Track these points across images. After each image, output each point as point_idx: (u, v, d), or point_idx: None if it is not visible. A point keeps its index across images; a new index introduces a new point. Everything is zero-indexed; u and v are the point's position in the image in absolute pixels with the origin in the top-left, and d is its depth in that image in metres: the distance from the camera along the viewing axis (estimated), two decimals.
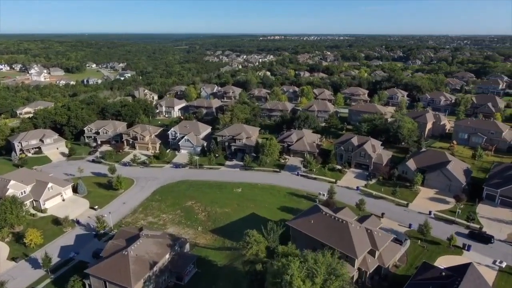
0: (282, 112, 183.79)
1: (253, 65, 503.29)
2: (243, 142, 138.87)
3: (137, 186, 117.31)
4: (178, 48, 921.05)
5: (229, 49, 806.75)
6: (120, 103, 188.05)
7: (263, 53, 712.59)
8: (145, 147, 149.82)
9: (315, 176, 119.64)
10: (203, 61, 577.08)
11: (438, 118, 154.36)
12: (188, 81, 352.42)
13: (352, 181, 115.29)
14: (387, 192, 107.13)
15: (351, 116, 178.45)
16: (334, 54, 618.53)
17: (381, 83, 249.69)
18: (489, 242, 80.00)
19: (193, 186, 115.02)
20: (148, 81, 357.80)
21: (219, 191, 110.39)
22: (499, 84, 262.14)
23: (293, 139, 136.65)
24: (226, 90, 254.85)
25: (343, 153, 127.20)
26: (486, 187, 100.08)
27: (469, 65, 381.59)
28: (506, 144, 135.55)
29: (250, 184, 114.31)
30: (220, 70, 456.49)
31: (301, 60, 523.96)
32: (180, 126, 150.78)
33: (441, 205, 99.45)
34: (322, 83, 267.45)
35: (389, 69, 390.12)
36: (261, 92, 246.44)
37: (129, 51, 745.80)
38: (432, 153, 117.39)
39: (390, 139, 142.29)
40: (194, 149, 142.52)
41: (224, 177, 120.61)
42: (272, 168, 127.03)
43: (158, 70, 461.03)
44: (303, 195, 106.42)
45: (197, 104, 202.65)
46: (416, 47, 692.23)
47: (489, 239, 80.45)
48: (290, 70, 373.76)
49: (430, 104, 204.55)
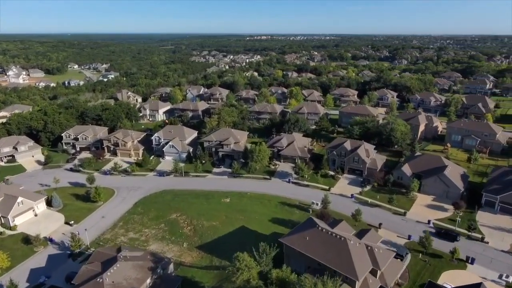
0: (271, 114, 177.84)
1: (240, 66, 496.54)
2: (231, 147, 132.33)
3: (117, 197, 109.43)
4: (164, 48, 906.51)
5: (216, 49, 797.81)
6: (101, 106, 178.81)
7: (250, 53, 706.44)
8: (127, 154, 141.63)
9: (307, 183, 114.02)
10: (189, 61, 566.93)
11: (431, 120, 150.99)
12: (173, 82, 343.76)
13: (346, 188, 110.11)
14: (383, 199, 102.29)
15: (341, 118, 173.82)
16: (321, 54, 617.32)
17: (370, 84, 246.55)
18: (455, 240, 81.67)
19: (178, 196, 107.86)
20: (132, 83, 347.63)
21: (206, 201, 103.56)
22: (486, 84, 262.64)
23: (283, 143, 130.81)
24: (213, 91, 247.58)
25: (336, 158, 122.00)
26: (485, 193, 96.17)
27: (455, 65, 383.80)
28: (500, 147, 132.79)
29: (239, 193, 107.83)
30: (207, 70, 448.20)
31: (289, 60, 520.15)
32: (165, 131, 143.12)
33: (440, 212, 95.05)
34: (310, 84, 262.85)
35: (376, 69, 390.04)
36: (249, 93, 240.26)
37: (113, 51, 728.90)
38: (428, 157, 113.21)
39: (382, 142, 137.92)
40: (180, 156, 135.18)
41: (211, 186, 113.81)
42: (262, 175, 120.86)
43: (143, 71, 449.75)
44: (295, 204, 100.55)
45: (183, 107, 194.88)
46: (401, 46, 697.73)
47: (455, 237, 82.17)
48: (277, 70, 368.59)
49: (420, 105, 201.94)
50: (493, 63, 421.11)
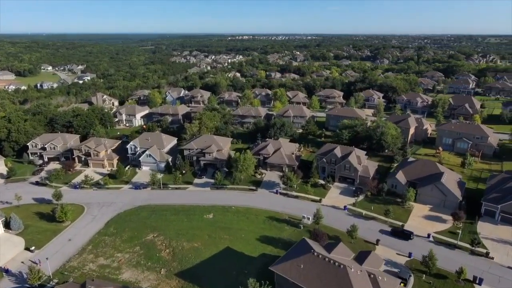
0: (255, 118, 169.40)
1: (222, 66, 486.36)
2: (214, 155, 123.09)
3: (87, 215, 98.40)
4: (144, 48, 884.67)
5: (197, 49, 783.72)
6: (72, 112, 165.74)
7: (232, 53, 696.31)
8: (100, 164, 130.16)
9: (296, 193, 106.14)
10: (169, 62, 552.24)
11: (420, 123, 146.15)
12: (153, 83, 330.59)
13: (338, 199, 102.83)
14: (377, 210, 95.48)
15: (329, 121, 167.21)
16: (303, 54, 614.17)
17: (355, 84, 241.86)
18: (409, 238, 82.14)
19: (155, 212, 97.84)
20: (109, 85, 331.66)
21: (187, 218, 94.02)
22: (469, 83, 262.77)
23: (269, 150, 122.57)
24: (194, 94, 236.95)
25: (326, 166, 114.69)
26: (484, 202, 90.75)
27: (437, 64, 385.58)
28: (491, 149, 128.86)
29: (223, 207, 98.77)
30: (188, 71, 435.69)
31: (271, 60, 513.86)
32: (141, 139, 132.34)
33: (438, 224, 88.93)
34: (295, 85, 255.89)
35: (359, 68, 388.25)
36: (232, 95, 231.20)
37: (90, 52, 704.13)
38: (422, 163, 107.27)
39: (373, 146, 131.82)
40: (158, 166, 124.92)
41: (193, 199, 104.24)
42: (247, 185, 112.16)
43: (121, 72, 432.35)
44: (284, 219, 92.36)
45: (162, 111, 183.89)
46: (382, 46, 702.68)
47: (409, 235, 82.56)
48: (260, 71, 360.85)
49: (407, 106, 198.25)
50: (472, 62, 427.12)
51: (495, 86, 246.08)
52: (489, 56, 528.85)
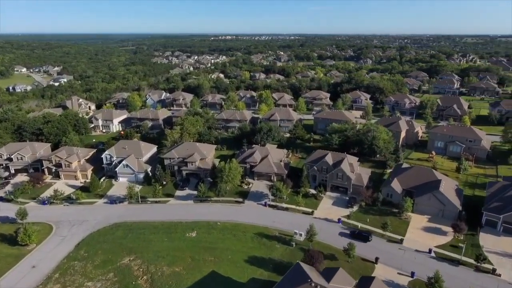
0: (240, 122, 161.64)
1: (205, 67, 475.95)
2: (197, 165, 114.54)
3: (55, 237, 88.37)
4: (124, 49, 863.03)
5: (179, 49, 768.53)
6: (43, 118, 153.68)
7: (215, 53, 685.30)
8: (72, 176, 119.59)
9: (286, 205, 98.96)
10: (150, 63, 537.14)
11: (411, 125, 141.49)
12: (133, 85, 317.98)
13: (331, 210, 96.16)
14: (373, 222, 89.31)
15: (317, 124, 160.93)
16: (287, 54, 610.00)
17: (342, 85, 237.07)
18: (367, 240, 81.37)
19: (132, 231, 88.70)
20: (87, 87, 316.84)
21: (167, 237, 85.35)
22: (454, 83, 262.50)
23: (256, 158, 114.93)
24: (175, 96, 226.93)
25: (317, 174, 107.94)
26: (486, 212, 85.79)
27: (420, 64, 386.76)
28: (484, 153, 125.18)
29: (207, 223, 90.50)
30: (170, 72, 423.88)
31: (255, 61, 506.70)
32: (117, 148, 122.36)
33: (439, 237, 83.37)
34: (280, 86, 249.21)
35: (343, 68, 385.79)
36: (215, 98, 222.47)
37: (68, 53, 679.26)
38: (418, 170, 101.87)
39: (364, 151, 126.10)
40: (136, 177, 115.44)
41: (174, 215, 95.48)
42: (233, 197, 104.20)
43: (100, 73, 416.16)
44: (275, 235, 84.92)
45: (141, 115, 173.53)
46: (365, 46, 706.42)
47: (367, 237, 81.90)
48: (244, 72, 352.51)
49: (395, 107, 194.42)
50: (453, 62, 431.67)
51: (480, 86, 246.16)
52: (468, 56, 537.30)
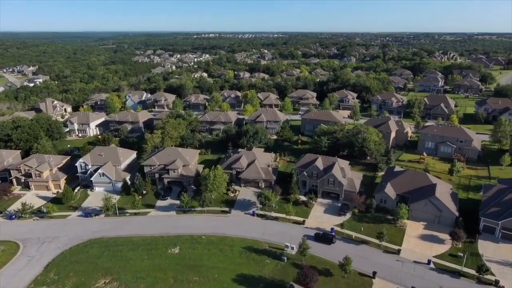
0: (225, 124, 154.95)
1: (188, 65, 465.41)
2: (179, 172, 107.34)
3: (22, 257, 79.80)
4: (104, 47, 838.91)
5: (161, 48, 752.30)
6: (12, 123, 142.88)
7: (198, 52, 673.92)
8: (44, 187, 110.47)
9: (276, 214, 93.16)
10: (131, 61, 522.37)
11: (401, 126, 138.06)
12: (113, 85, 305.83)
13: (323, 219, 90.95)
14: (368, 231, 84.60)
15: (304, 125, 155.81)
16: (271, 52, 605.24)
17: (328, 84, 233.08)
18: (331, 242, 79.92)
19: (109, 248, 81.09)
20: (64, 88, 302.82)
21: (148, 254, 78.20)
22: (439, 81, 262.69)
23: (242, 164, 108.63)
24: (157, 97, 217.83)
25: (307, 180, 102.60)
26: (483, 218, 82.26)
27: (404, 62, 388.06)
28: (475, 153, 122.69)
29: (191, 237, 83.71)
30: (152, 71, 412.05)
31: (239, 59, 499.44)
32: (93, 155, 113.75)
33: (437, 246, 79.31)
34: (265, 86, 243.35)
35: (328, 66, 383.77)
36: (199, 98, 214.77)
37: (44, 52, 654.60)
38: (412, 174, 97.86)
39: (354, 154, 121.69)
40: (113, 186, 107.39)
41: (155, 228, 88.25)
42: (219, 206, 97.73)
43: (78, 73, 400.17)
44: (264, 249, 78.96)
45: (120, 118, 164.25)
46: (348, 44, 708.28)
47: (331, 239, 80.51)
48: (228, 71, 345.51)
49: (382, 107, 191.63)
50: (435, 59, 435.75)
51: (464, 83, 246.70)
52: (449, 53, 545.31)
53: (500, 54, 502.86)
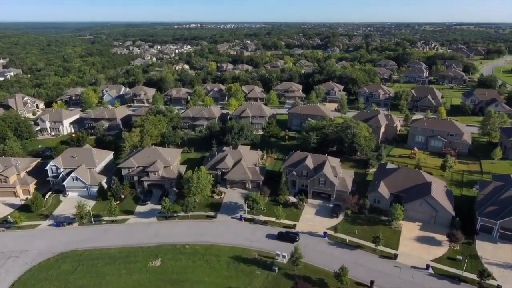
0: (208, 120, 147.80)
1: (169, 57, 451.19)
2: (160, 174, 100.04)
3: None
4: (81, 38, 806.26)
5: (141, 39, 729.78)
6: None
7: (179, 42, 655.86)
8: (11, 193, 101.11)
9: (265, 218, 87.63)
10: (109, 53, 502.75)
11: (391, 119, 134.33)
12: (90, 79, 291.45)
13: (314, 221, 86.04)
14: (362, 234, 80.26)
15: (291, 120, 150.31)
16: (255, 43, 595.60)
17: (314, 76, 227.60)
18: (295, 240, 77.52)
19: (83, 262, 73.73)
20: (37, 82, 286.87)
21: (126, 268, 71.32)
22: (423, 72, 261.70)
23: (228, 164, 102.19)
24: (136, 91, 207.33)
25: (296, 179, 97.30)
26: (481, 217, 79.06)
27: (388, 52, 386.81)
28: (466, 147, 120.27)
29: (173, 247, 77.22)
30: (131, 64, 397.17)
31: (222, 50, 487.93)
32: (65, 157, 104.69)
33: (434, 249, 75.65)
34: (249, 78, 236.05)
35: (312, 57, 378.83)
36: (180, 92, 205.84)
37: (16, 43, 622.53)
38: (405, 172, 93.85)
39: (344, 150, 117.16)
40: (89, 190, 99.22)
41: (134, 237, 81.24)
42: (203, 210, 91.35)
43: (53, 66, 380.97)
44: (254, 258, 73.38)
45: (96, 115, 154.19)
46: (331, 34, 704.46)
47: (294, 238, 78.47)
48: (211, 62, 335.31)
49: (369, 99, 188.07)
50: (417, 49, 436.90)
51: (448, 74, 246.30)
52: (431, 43, 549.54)
53: (479, 44, 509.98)
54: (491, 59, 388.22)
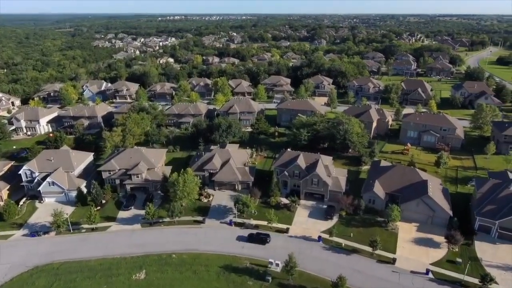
0: (194, 117, 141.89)
1: (152, 50, 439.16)
2: (143, 177, 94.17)
3: None
4: (61, 31, 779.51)
5: (124, 31, 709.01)
6: None
7: (164, 35, 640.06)
8: None
9: (256, 222, 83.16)
10: (91, 46, 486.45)
11: (382, 114, 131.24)
12: (70, 74, 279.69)
13: (308, 225, 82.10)
14: (358, 237, 76.80)
15: (281, 116, 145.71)
16: (240, 35, 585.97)
17: (302, 69, 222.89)
18: (266, 242, 75.32)
19: (60, 277, 67.91)
20: (13, 77, 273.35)
21: (107, 282, 65.91)
22: (412, 64, 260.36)
23: (216, 164, 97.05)
24: (118, 87, 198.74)
25: (288, 180, 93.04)
26: (479, 217, 76.48)
27: (375, 45, 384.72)
28: (459, 142, 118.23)
29: (159, 256, 72.09)
30: (113, 57, 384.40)
31: (207, 43, 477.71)
32: (40, 161, 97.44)
33: (432, 251, 72.76)
34: (236, 72, 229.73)
35: (299, 50, 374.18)
36: (165, 87, 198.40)
37: None
38: (401, 170, 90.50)
39: (336, 146, 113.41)
40: (67, 196, 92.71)
41: (116, 247, 75.59)
42: (191, 215, 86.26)
43: (31, 60, 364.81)
44: (245, 267, 68.98)
45: (75, 113, 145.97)
46: (318, 26, 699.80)
47: (265, 239, 75.83)
48: (196, 55, 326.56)
49: (359, 92, 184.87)
50: (403, 41, 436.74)
51: (436, 66, 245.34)
52: (416, 35, 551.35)
53: (463, 36, 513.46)
54: (475, 51, 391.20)
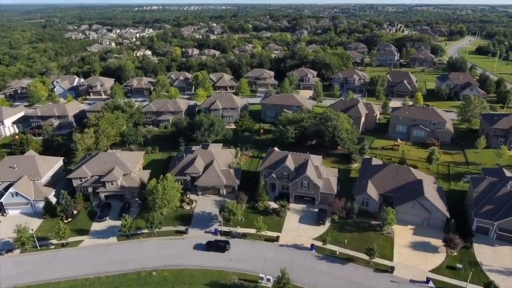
0: (174, 114, 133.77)
1: (129, 42, 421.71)
2: (119, 183, 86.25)
3: None
4: (31, 22, 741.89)
5: (98, 22, 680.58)
6: None
7: (141, 26, 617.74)
8: None
9: (243, 230, 77.24)
10: (63, 39, 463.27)
11: (371, 109, 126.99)
12: (41, 68, 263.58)
13: (299, 231, 76.74)
14: (353, 244, 72.09)
15: (265, 111, 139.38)
16: (221, 26, 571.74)
17: (285, 61, 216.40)
18: (225, 249, 71.36)
19: None
20: None
21: None
22: (395, 55, 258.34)
23: (198, 167, 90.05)
24: (92, 82, 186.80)
25: (276, 182, 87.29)
26: (477, 218, 73.08)
27: (357, 35, 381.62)
28: (449, 136, 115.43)
29: (138, 274, 65.16)
30: (87, 50, 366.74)
31: (186, 34, 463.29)
32: (2, 168, 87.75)
33: (431, 256, 68.90)
34: (217, 64, 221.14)
35: (281, 41, 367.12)
36: (142, 82, 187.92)
37: None
38: (393, 169, 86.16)
39: (324, 144, 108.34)
40: (33, 207, 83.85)
41: (89, 266, 67.94)
42: (172, 225, 79.36)
43: None
44: (233, 284, 63.07)
45: (43, 112, 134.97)
46: (299, 16, 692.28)
47: (224, 247, 71.75)
48: (175, 47, 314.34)
49: (344, 85, 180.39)
50: (384, 31, 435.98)
51: (419, 57, 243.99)
52: (397, 25, 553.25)
53: (442, 25, 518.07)
54: (454, 40, 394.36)
